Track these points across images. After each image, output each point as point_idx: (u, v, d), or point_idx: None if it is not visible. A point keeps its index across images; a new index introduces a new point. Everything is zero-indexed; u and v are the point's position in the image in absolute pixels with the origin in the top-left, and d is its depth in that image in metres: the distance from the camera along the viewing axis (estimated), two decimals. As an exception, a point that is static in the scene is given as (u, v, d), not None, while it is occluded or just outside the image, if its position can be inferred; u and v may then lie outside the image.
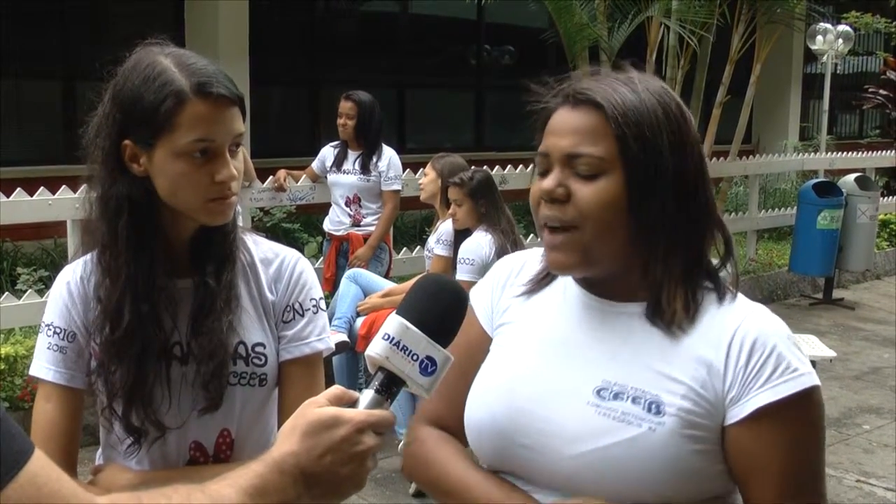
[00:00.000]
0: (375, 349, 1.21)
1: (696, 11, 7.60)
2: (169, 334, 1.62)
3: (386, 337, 1.21)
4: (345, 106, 5.84)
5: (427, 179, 5.07)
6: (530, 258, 1.57)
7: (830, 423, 5.63)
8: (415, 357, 1.20)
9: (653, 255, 1.38)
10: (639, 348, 1.38)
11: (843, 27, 10.95)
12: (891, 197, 11.01)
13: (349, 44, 11.11)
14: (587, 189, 1.35)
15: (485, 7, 8.07)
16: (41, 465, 1.03)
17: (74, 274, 1.67)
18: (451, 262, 4.68)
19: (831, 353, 5.33)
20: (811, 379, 1.34)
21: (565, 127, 1.38)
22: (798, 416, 1.34)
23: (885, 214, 10.44)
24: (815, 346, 5.33)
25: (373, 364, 1.22)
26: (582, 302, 1.46)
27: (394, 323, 1.22)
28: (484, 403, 1.46)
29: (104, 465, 1.71)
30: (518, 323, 1.51)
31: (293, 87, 10.85)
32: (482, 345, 1.53)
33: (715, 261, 1.48)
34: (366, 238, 5.80)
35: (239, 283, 1.67)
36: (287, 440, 1.16)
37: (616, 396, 1.35)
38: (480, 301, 1.57)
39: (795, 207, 8.94)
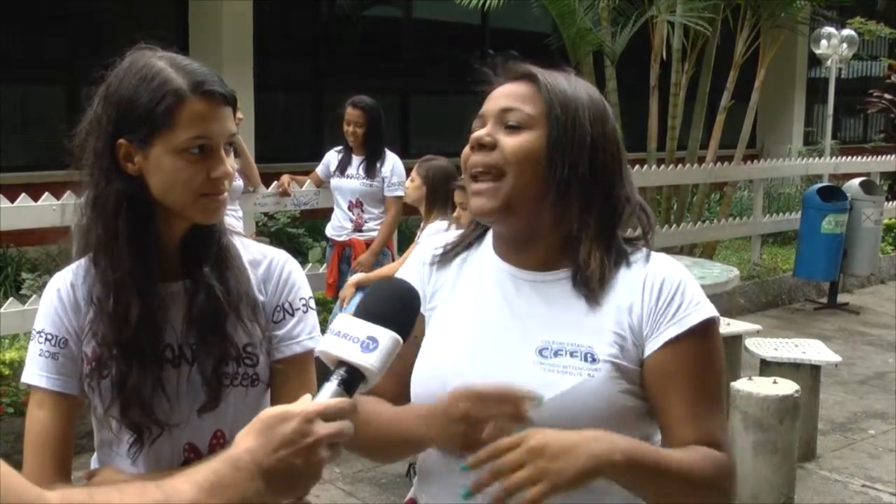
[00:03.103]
0: (321, 342, 1.30)
1: (700, 11, 7.60)
2: (160, 337, 1.62)
3: (330, 331, 1.30)
4: (353, 114, 5.83)
5: (412, 185, 5.04)
6: (451, 238, 1.74)
7: (836, 428, 5.62)
8: (355, 340, 1.27)
9: (568, 215, 1.55)
10: (569, 309, 1.56)
11: (847, 31, 10.94)
12: (895, 201, 10.99)
13: (353, 48, 11.12)
14: (512, 139, 1.55)
15: (489, 12, 8.06)
16: None
17: (65, 280, 1.68)
18: None
19: (836, 358, 5.31)
20: (710, 311, 1.55)
21: (501, 92, 1.61)
22: (699, 342, 1.54)
23: (890, 219, 10.44)
24: (820, 351, 5.31)
25: (326, 359, 1.29)
26: (510, 276, 1.62)
27: (338, 319, 1.31)
28: (434, 376, 1.58)
29: (98, 468, 1.70)
30: (451, 303, 1.66)
31: (297, 92, 10.86)
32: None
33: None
34: (368, 243, 5.80)
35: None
36: (244, 439, 1.21)
37: (556, 353, 1.53)
38: (410, 278, 1.69)
39: (800, 212, 8.93)
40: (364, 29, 11.76)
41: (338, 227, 5.97)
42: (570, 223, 1.56)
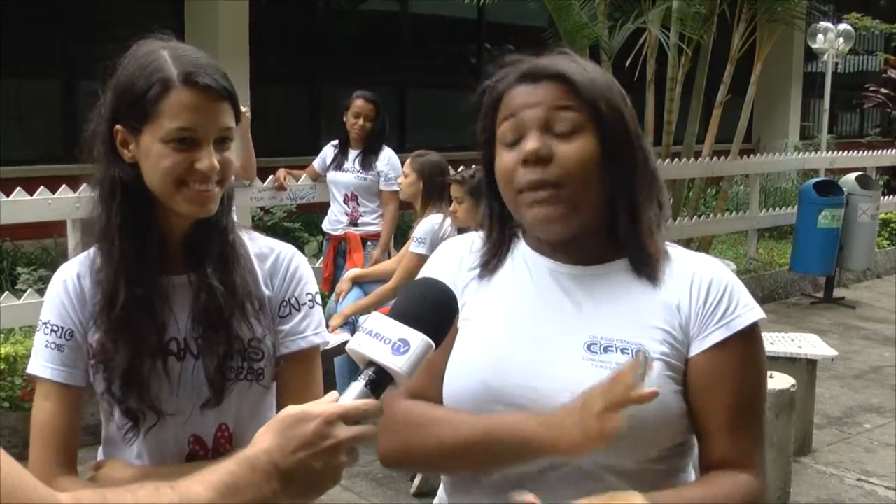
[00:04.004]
0: (353, 340, 1.27)
1: (696, 12, 7.58)
2: (163, 329, 1.62)
3: (362, 329, 1.28)
4: (366, 107, 5.82)
5: (406, 181, 5.02)
6: (478, 239, 1.65)
7: (832, 422, 5.63)
8: (387, 341, 1.25)
9: (624, 213, 1.50)
10: (615, 304, 1.50)
11: (843, 26, 10.95)
12: (891, 196, 11.00)
13: (350, 43, 11.10)
14: (568, 147, 1.45)
15: (485, 6, 8.04)
16: (1, 461, 1.03)
17: (71, 272, 1.68)
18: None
19: (832, 352, 5.31)
20: (757, 313, 1.51)
21: (534, 99, 1.48)
22: (746, 346, 1.50)
23: (886, 213, 10.44)
24: (816, 345, 5.32)
25: (356, 357, 1.27)
26: (550, 270, 1.55)
27: (371, 318, 1.29)
28: (471, 372, 1.50)
29: (104, 461, 1.71)
30: (487, 299, 1.57)
31: (293, 87, 10.84)
32: None
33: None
34: (363, 237, 5.80)
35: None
36: (261, 439, 1.18)
37: (605, 350, 1.46)
38: (441, 277, 1.59)
39: (796, 206, 8.94)
40: (360, 23, 11.74)
41: (334, 220, 5.96)
42: (621, 213, 1.50)
